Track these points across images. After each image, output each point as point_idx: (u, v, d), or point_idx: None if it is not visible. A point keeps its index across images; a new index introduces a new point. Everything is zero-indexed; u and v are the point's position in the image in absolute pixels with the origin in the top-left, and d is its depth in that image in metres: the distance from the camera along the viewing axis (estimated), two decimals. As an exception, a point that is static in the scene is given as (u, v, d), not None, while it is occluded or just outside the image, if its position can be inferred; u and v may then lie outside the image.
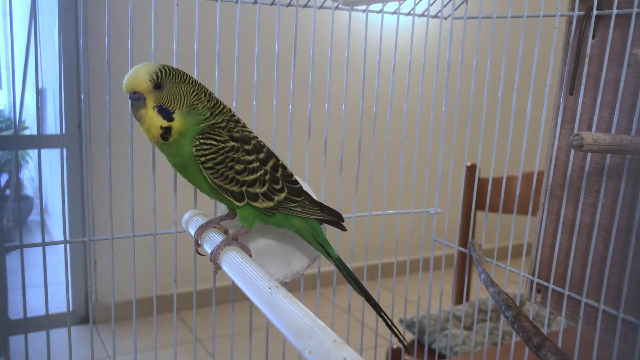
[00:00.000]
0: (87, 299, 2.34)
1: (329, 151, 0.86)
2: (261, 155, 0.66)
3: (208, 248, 0.66)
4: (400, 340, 0.77)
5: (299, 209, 0.68)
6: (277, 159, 0.68)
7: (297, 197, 0.68)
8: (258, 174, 0.65)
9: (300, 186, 0.69)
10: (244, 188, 0.65)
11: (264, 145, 0.67)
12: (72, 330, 0.73)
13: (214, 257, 0.63)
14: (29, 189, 3.97)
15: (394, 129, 0.93)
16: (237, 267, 0.59)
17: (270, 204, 0.67)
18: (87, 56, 2.21)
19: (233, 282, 0.69)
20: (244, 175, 0.65)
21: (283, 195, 0.67)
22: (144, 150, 0.66)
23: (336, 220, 0.71)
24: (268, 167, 0.66)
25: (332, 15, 0.82)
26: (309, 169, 0.84)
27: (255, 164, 0.65)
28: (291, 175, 0.69)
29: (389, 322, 0.75)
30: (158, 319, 0.81)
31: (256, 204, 0.66)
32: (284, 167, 0.68)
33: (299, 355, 0.85)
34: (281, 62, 0.81)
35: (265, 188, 0.66)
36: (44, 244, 0.71)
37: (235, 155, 0.64)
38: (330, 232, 0.76)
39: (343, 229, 0.74)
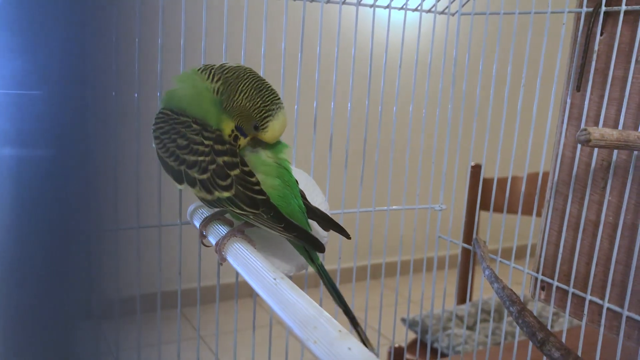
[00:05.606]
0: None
1: (334, 147, 0.86)
2: (218, 147, 0.62)
3: (213, 239, 0.66)
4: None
5: (252, 217, 0.63)
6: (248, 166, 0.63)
7: (246, 206, 0.62)
8: (201, 157, 0.61)
9: (264, 199, 0.62)
10: (182, 167, 0.62)
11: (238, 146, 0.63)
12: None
13: (219, 248, 0.63)
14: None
15: (400, 126, 0.93)
16: (242, 258, 0.59)
17: (208, 196, 0.62)
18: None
19: (237, 279, 0.69)
20: (184, 152, 0.62)
21: (226, 194, 0.62)
22: (149, 144, 0.66)
23: (309, 244, 0.64)
24: (220, 160, 0.61)
25: (339, 10, 0.82)
26: (314, 165, 0.84)
27: (202, 148, 0.61)
28: (255, 184, 0.62)
29: (364, 338, 0.72)
30: (161, 315, 0.81)
31: (194, 191, 0.63)
32: (251, 175, 0.63)
33: (301, 353, 0.85)
34: (286, 58, 0.81)
35: (205, 176, 0.61)
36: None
37: (183, 129, 0.62)
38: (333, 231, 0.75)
39: (347, 236, 0.72)
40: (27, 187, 0.30)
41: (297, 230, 0.63)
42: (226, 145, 0.62)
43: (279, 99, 0.63)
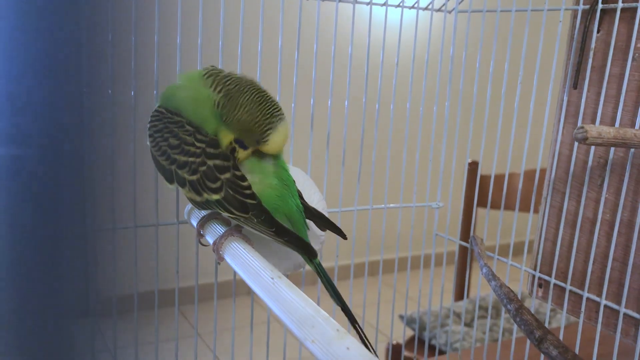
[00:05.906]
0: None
1: (331, 146, 0.86)
2: (210, 150, 0.61)
3: (210, 239, 0.66)
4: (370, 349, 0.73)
5: (242, 221, 0.63)
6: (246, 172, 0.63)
7: (236, 210, 0.61)
8: (192, 158, 0.61)
9: (255, 203, 0.62)
10: (173, 167, 0.62)
11: (234, 151, 0.63)
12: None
13: (217, 248, 0.63)
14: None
15: (397, 124, 0.93)
16: (239, 257, 0.59)
17: (197, 198, 0.62)
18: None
19: (234, 277, 0.69)
20: (175, 151, 0.62)
21: (215, 197, 0.61)
22: (146, 142, 0.66)
23: (301, 249, 0.64)
24: (211, 163, 0.61)
25: (336, 7, 0.82)
26: (311, 163, 0.84)
27: (193, 149, 0.61)
28: (247, 187, 0.62)
29: (363, 335, 0.72)
30: (158, 313, 0.81)
31: (183, 191, 0.63)
32: (242, 179, 0.62)
33: (299, 350, 0.85)
34: (283, 56, 0.81)
35: (194, 177, 0.61)
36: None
37: (176, 129, 0.62)
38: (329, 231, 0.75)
39: (344, 237, 0.72)
40: (24, 186, 0.30)
41: (289, 235, 0.63)
42: (219, 149, 0.62)
43: (280, 110, 0.63)
